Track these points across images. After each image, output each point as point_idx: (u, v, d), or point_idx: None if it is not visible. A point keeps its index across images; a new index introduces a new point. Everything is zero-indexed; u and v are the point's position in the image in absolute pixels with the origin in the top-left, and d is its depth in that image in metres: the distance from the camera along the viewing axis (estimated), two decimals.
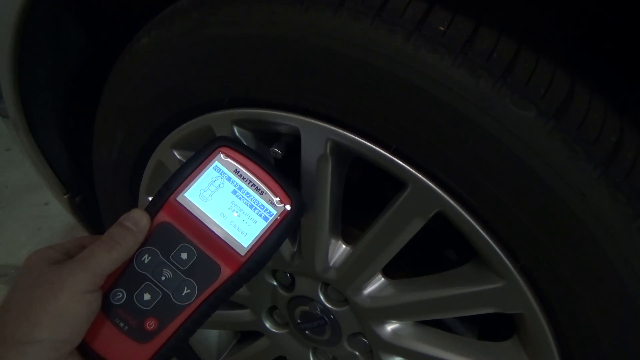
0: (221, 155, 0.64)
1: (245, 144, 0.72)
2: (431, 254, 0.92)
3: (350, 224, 0.81)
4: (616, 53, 0.59)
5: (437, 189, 0.62)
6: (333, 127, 0.65)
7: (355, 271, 0.77)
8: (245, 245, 0.62)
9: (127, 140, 0.88)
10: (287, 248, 0.82)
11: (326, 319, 0.88)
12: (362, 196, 0.88)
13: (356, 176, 0.90)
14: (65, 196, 1.12)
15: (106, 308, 0.59)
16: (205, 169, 0.64)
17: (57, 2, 0.85)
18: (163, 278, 0.60)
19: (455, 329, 0.93)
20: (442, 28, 0.56)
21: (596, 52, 0.61)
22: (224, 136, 0.68)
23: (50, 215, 2.16)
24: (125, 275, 0.60)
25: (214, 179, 0.63)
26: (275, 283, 0.91)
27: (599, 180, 0.55)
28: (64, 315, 0.53)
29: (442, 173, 0.61)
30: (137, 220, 0.60)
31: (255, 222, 0.62)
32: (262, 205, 0.63)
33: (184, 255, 0.61)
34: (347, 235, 0.80)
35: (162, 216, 0.62)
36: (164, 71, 0.75)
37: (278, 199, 0.63)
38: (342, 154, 0.69)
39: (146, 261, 0.60)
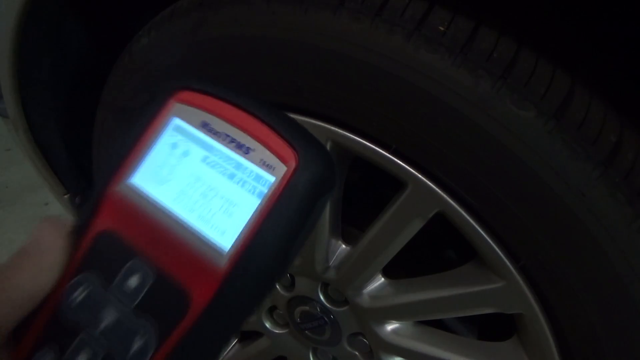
0: (179, 105, 0.42)
1: (213, 83, 0.47)
2: (431, 254, 0.92)
3: (350, 224, 0.81)
4: (616, 53, 0.59)
5: (437, 189, 0.62)
6: (333, 127, 0.65)
7: (355, 271, 0.77)
8: (226, 248, 0.38)
9: None
10: None
11: (326, 319, 0.88)
12: (362, 196, 0.88)
13: (356, 176, 0.90)
14: (65, 196, 1.12)
15: None
16: (157, 134, 0.42)
17: (57, 2, 0.85)
18: (103, 324, 0.39)
19: (455, 329, 0.93)
20: (442, 28, 0.56)
21: (596, 52, 0.61)
22: (180, 81, 0.45)
23: (50, 215, 2.16)
24: (51, 324, 0.39)
25: (173, 146, 0.41)
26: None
27: (599, 180, 0.55)
28: None
29: (442, 173, 0.61)
30: (41, 239, 0.39)
31: (243, 203, 0.39)
32: (251, 170, 0.39)
33: (134, 281, 0.40)
34: (347, 235, 0.80)
35: (100, 221, 0.41)
36: (163, 71, 0.75)
37: (275, 155, 0.39)
38: (342, 154, 0.69)
39: (79, 299, 0.40)
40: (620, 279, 0.57)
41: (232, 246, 0.38)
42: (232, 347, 1.22)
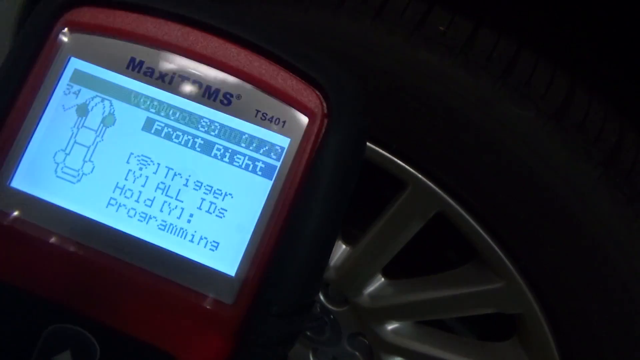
0: (75, 35, 0.24)
1: None
2: (431, 254, 0.92)
3: (350, 224, 0.81)
4: (616, 53, 0.59)
5: (437, 189, 0.62)
6: None
7: (355, 271, 0.77)
8: (230, 273, 0.23)
9: None
10: None
11: (326, 319, 0.87)
12: (362, 196, 0.88)
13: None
14: None
15: None
16: (42, 92, 0.24)
17: None
18: None
19: (455, 329, 0.93)
20: (442, 28, 0.56)
21: (596, 52, 0.61)
22: None
23: None
24: None
25: (78, 110, 0.24)
26: None
27: (599, 180, 0.55)
28: None
29: (442, 173, 0.61)
30: None
31: (242, 191, 0.24)
32: (244, 133, 0.24)
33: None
34: (347, 235, 0.80)
35: None
36: None
37: (284, 100, 0.24)
38: None
39: None
40: (620, 278, 0.57)
41: (240, 268, 0.22)
42: None
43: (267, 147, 0.24)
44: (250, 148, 0.24)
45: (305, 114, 0.23)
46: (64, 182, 0.24)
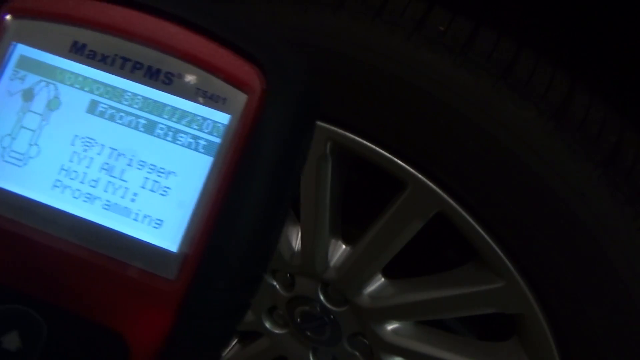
0: (18, 21, 0.25)
1: None
2: (431, 254, 0.92)
3: (350, 224, 0.81)
4: (616, 53, 0.59)
5: (437, 189, 0.62)
6: (333, 127, 0.64)
7: (355, 271, 0.77)
8: (172, 249, 0.24)
9: None
10: (286, 247, 0.82)
11: (326, 319, 0.87)
12: (362, 196, 0.88)
13: (356, 177, 0.90)
14: None
15: None
16: None
17: None
18: None
19: (455, 329, 0.93)
20: (442, 28, 0.56)
21: (596, 52, 0.61)
22: None
23: None
24: None
25: (24, 95, 0.25)
26: (275, 283, 0.91)
27: (599, 180, 0.55)
28: None
29: (442, 173, 0.61)
30: None
31: (184, 169, 0.24)
32: (184, 111, 0.24)
33: (12, 340, 0.24)
34: (347, 235, 0.80)
35: None
36: None
37: (222, 77, 0.24)
38: (342, 154, 0.69)
39: None
40: (620, 278, 0.57)
41: (182, 244, 0.23)
42: (232, 348, 1.22)
43: (208, 125, 0.24)
44: (192, 126, 0.24)
45: (244, 91, 0.23)
46: (10, 165, 0.24)
